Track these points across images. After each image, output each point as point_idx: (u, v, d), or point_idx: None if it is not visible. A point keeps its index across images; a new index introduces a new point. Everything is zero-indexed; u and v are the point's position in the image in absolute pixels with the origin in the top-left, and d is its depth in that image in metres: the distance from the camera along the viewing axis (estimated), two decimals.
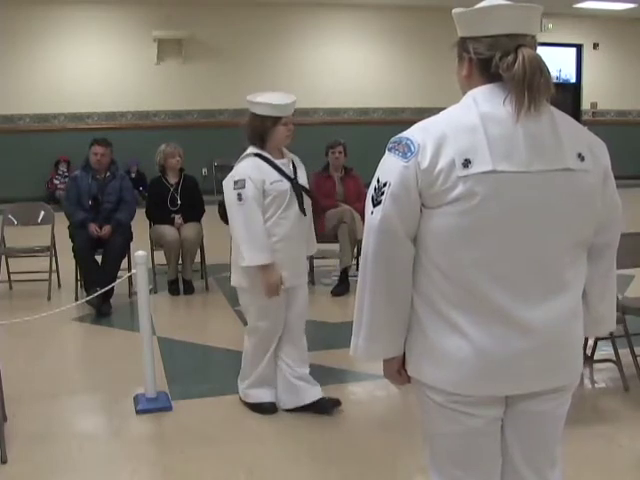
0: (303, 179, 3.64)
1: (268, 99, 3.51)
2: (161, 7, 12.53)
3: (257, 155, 3.51)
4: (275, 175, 3.49)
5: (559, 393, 1.74)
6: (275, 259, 3.45)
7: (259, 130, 3.50)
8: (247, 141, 3.58)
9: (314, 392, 3.67)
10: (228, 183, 3.50)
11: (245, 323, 3.81)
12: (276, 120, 3.48)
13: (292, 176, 3.56)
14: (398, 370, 1.79)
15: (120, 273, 5.67)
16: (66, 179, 10.07)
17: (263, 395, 3.71)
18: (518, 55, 1.58)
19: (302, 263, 3.73)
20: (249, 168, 3.48)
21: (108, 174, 5.98)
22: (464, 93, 1.70)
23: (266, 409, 3.68)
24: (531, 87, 1.56)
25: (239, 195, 3.42)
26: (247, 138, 3.57)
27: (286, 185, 3.50)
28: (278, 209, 3.48)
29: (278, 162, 3.54)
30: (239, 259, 3.50)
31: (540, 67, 1.58)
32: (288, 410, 3.69)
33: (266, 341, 3.66)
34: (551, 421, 1.77)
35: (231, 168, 3.55)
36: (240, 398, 3.78)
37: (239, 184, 3.43)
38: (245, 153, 3.56)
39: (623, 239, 1.83)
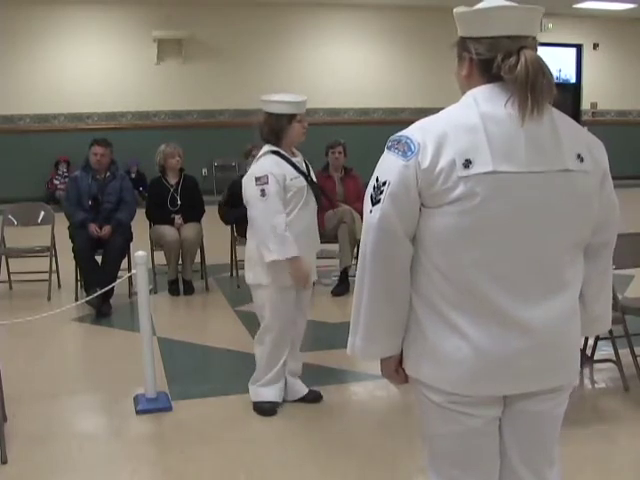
0: (313, 176, 3.72)
1: (283, 97, 3.60)
2: (161, 7, 12.53)
3: (275, 152, 3.57)
4: (293, 171, 3.56)
5: (557, 393, 1.74)
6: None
7: (275, 128, 3.56)
8: (262, 140, 3.64)
9: (302, 388, 3.80)
10: (249, 181, 3.53)
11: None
12: (291, 117, 3.56)
13: (306, 173, 3.64)
14: (396, 369, 1.79)
15: (120, 273, 5.67)
16: (66, 179, 10.07)
17: (268, 394, 3.71)
18: (520, 57, 1.57)
19: (313, 258, 3.76)
20: (269, 165, 3.52)
21: (108, 174, 5.98)
22: (463, 93, 1.70)
23: (265, 410, 3.68)
24: (534, 89, 1.56)
25: (262, 191, 3.45)
26: (262, 137, 3.63)
27: (303, 181, 3.58)
28: (297, 205, 3.54)
29: (293, 160, 3.62)
30: (265, 254, 3.46)
31: (542, 69, 1.58)
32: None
33: (281, 343, 3.66)
34: (549, 421, 1.77)
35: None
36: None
37: (262, 180, 3.46)
38: (262, 151, 3.61)
39: (623, 239, 1.84)
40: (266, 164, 3.53)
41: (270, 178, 3.45)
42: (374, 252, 1.66)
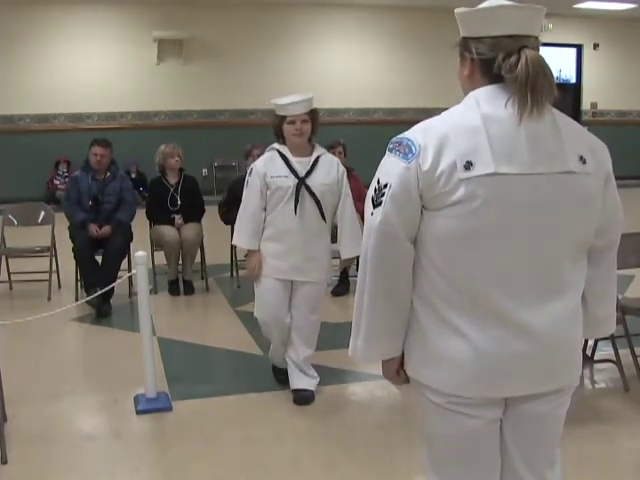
0: (320, 179, 3.72)
1: (276, 100, 3.76)
2: (161, 7, 12.53)
3: (277, 150, 3.76)
4: (282, 170, 3.69)
5: (558, 394, 1.74)
6: (275, 249, 3.72)
7: (274, 128, 3.77)
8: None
9: (298, 382, 3.87)
10: None
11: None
12: (282, 119, 3.71)
13: (301, 175, 3.67)
14: (397, 371, 1.79)
15: (120, 273, 5.67)
16: (66, 179, 10.06)
17: (278, 360, 4.03)
18: (521, 56, 1.57)
19: (309, 260, 3.75)
20: (261, 160, 3.81)
21: (108, 174, 5.97)
22: (465, 93, 1.70)
23: (276, 373, 4.06)
24: (534, 89, 1.55)
25: (247, 182, 3.79)
26: None
27: (290, 182, 3.67)
28: (279, 202, 3.69)
29: (294, 159, 3.72)
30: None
31: (543, 69, 1.57)
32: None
33: (268, 330, 3.90)
34: (550, 422, 1.77)
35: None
36: None
37: (249, 172, 3.80)
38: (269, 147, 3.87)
39: (624, 239, 1.83)
40: (260, 159, 3.83)
41: (253, 171, 3.75)
42: (375, 254, 1.66)
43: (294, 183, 3.66)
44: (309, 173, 3.70)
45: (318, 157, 3.75)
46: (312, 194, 3.67)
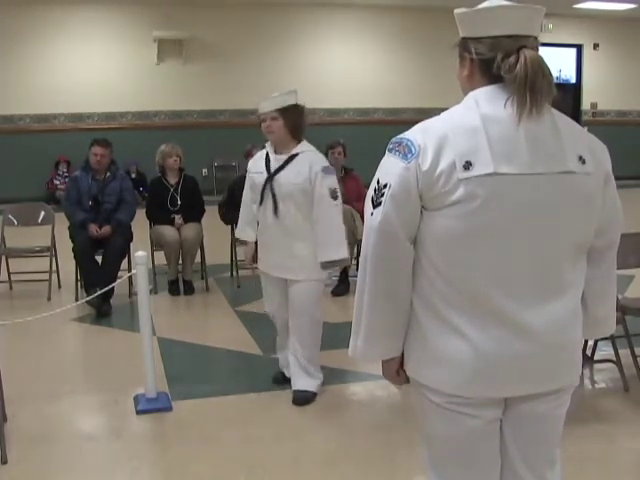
0: (290, 177, 3.66)
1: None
2: (161, 7, 12.53)
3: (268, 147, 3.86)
4: (260, 167, 3.80)
5: (558, 394, 1.74)
6: (260, 243, 3.88)
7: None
8: None
9: (298, 382, 3.86)
10: None
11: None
12: (260, 116, 3.81)
13: (271, 171, 3.72)
14: (397, 371, 1.79)
15: (120, 273, 5.67)
16: (66, 179, 10.06)
17: (280, 362, 4.08)
18: (520, 56, 1.57)
19: (291, 258, 3.70)
20: (254, 158, 3.96)
21: (108, 174, 5.97)
22: (465, 94, 1.70)
23: (274, 378, 4.07)
24: (533, 89, 1.55)
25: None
26: None
27: (262, 178, 3.74)
28: (257, 199, 3.80)
29: (274, 156, 3.77)
30: None
31: (542, 69, 1.57)
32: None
33: (273, 319, 4.02)
34: (550, 422, 1.77)
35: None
36: None
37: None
38: None
39: (623, 239, 1.83)
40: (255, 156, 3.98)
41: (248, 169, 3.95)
42: (375, 254, 1.66)
43: (264, 180, 3.72)
44: (278, 170, 3.69)
45: (295, 155, 3.70)
46: (273, 192, 3.67)
